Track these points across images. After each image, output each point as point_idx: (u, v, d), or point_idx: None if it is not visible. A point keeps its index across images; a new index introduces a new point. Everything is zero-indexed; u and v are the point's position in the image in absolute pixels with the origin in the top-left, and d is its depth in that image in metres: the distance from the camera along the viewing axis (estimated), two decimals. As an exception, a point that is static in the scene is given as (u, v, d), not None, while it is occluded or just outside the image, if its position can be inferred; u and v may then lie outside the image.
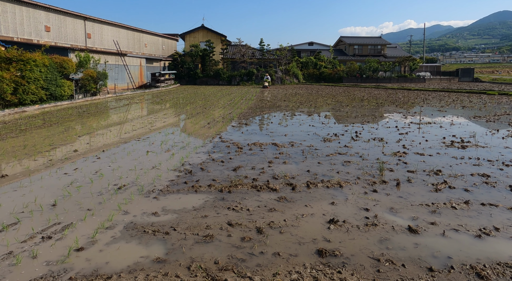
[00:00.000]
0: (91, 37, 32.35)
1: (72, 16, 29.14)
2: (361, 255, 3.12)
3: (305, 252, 3.19)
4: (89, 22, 31.81)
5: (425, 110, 14.76)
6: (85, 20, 31.30)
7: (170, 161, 6.37)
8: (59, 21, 27.42)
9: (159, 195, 4.66)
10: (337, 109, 15.13)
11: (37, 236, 3.47)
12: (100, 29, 33.93)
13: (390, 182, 5.14)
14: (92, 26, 32.37)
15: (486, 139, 8.39)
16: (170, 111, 14.72)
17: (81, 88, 21.34)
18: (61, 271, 2.88)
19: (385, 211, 4.09)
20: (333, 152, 7.05)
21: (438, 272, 2.82)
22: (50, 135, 8.96)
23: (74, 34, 29.57)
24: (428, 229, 3.60)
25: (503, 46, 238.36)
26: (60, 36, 27.53)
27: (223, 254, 3.16)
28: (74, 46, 28.03)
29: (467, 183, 5.08)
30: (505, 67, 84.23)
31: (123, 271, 2.89)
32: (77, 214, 4.03)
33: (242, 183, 5.09)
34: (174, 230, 3.64)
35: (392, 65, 44.74)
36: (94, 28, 32.84)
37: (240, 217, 3.98)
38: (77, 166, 6.03)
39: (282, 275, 2.81)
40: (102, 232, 3.57)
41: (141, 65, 35.48)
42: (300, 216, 3.97)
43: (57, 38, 27.18)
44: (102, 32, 34.01)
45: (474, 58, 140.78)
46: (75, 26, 29.81)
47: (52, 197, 4.53)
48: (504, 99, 20.26)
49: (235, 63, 41.00)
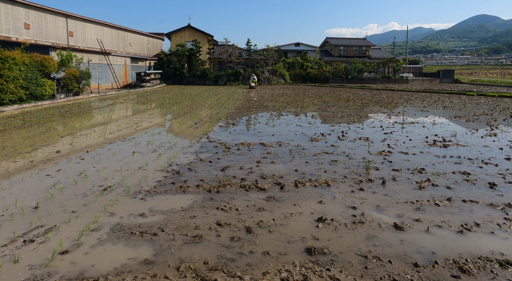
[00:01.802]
0: (74, 36, 31.63)
1: (53, 13, 28.40)
2: (349, 252, 3.16)
3: (294, 251, 3.21)
4: (72, 20, 31.09)
5: (408, 111, 15.08)
6: (67, 18, 30.58)
7: (157, 162, 6.30)
8: (39, 19, 26.68)
9: (146, 196, 4.60)
10: (324, 110, 15.28)
11: (18, 240, 3.37)
12: (83, 27, 33.20)
13: (376, 181, 5.22)
14: (74, 24, 31.65)
15: (466, 138, 8.64)
16: (156, 111, 14.54)
17: (63, 87, 20.82)
18: (44, 275, 2.81)
19: (372, 209, 4.16)
20: (320, 152, 7.12)
21: (423, 267, 2.89)
22: (30, 136, 8.71)
23: (55, 32, 28.83)
24: (413, 226, 3.68)
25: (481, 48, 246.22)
26: (40, 34, 26.79)
27: (213, 254, 3.15)
28: (56, 44, 27.34)
29: (449, 181, 5.22)
30: (483, 69, 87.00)
31: (110, 274, 2.84)
32: (60, 216, 3.93)
33: (231, 183, 5.08)
34: (162, 231, 3.60)
35: (377, 66, 45.50)
36: (77, 26, 32.11)
37: (229, 216, 3.97)
38: (60, 167, 5.88)
39: (272, 274, 2.81)
40: (87, 234, 3.49)
41: (126, 64, 34.91)
42: (289, 215, 4.00)
43: (38, 36, 26.44)
44: (85, 30, 33.30)
45: (454, 60, 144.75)
46: (57, 24, 29.07)
47: (34, 199, 4.40)
48: (483, 100, 20.91)
49: (222, 63, 40.86)
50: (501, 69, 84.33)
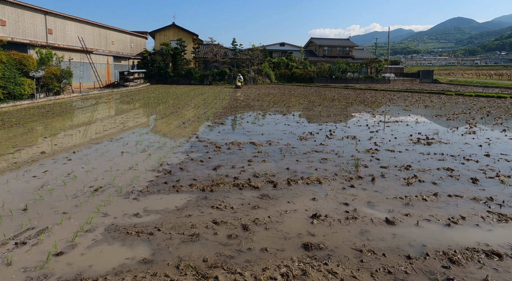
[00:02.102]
0: (53, 33, 30.75)
1: (31, 10, 27.52)
2: (345, 247, 3.25)
3: (291, 247, 3.27)
4: (51, 17, 30.22)
5: (391, 110, 15.45)
6: (46, 15, 29.70)
7: (148, 161, 6.24)
8: (16, 15, 25.80)
9: (139, 196, 4.56)
10: (310, 109, 15.46)
11: (9, 242, 3.29)
12: (63, 25, 32.32)
13: (365, 177, 5.36)
14: (54, 21, 30.77)
15: (448, 136, 8.95)
16: (142, 111, 14.34)
17: (43, 87, 20.20)
18: (40, 277, 2.76)
19: (363, 205, 4.27)
20: (310, 150, 7.22)
21: (415, 259, 3.00)
22: (12, 137, 8.45)
23: (33, 29, 27.95)
24: (403, 220, 3.81)
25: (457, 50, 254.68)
26: (17, 31, 25.92)
27: (211, 252, 3.17)
28: (34, 42, 26.53)
29: (435, 177, 5.41)
30: (460, 69, 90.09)
31: (108, 274, 2.82)
32: (52, 218, 3.86)
33: (224, 182, 5.10)
34: (159, 230, 3.59)
35: (360, 66, 46.32)
36: (56, 24, 31.23)
37: (224, 215, 3.99)
38: (46, 169, 5.74)
39: (271, 270, 2.86)
40: (82, 235, 3.45)
41: (109, 63, 34.21)
42: (283, 212, 4.06)
43: (14, 33, 25.58)
44: (65, 28, 32.42)
45: (432, 61, 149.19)
46: (35, 21, 28.19)
47: (22, 201, 4.29)
48: (461, 99, 21.65)
49: (207, 63, 40.62)
50: (476, 70, 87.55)
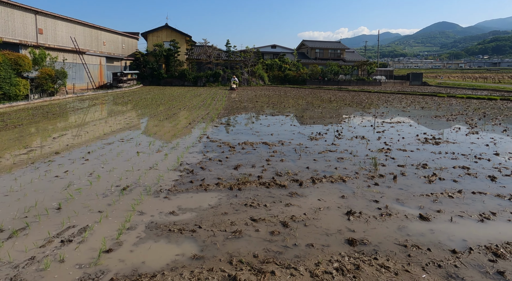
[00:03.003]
0: (43, 33, 30.19)
1: (21, 9, 26.96)
2: (387, 242, 3.33)
3: (335, 242, 3.33)
4: (41, 17, 29.66)
5: (390, 111, 15.72)
6: (36, 14, 29.14)
7: (166, 161, 6.22)
8: (5, 14, 25.24)
9: (168, 194, 4.56)
10: (311, 110, 15.60)
11: (55, 240, 3.26)
12: (54, 25, 31.75)
13: (387, 176, 5.47)
14: (44, 21, 30.20)
15: (453, 136, 9.18)
16: (143, 112, 14.22)
17: (37, 87, 19.83)
18: (98, 273, 2.76)
19: (393, 202, 4.37)
20: (323, 150, 7.31)
21: (460, 253, 3.11)
22: (19, 138, 8.29)
23: (23, 29, 27.38)
24: (436, 217, 3.92)
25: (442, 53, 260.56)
26: (6, 31, 25.36)
27: (258, 248, 3.21)
28: (24, 42, 25.99)
29: (453, 175, 5.56)
30: (445, 72, 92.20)
31: (164, 269, 2.83)
32: (89, 216, 3.83)
33: (249, 181, 5.14)
34: (200, 228, 3.61)
35: (352, 68, 46.91)
36: (47, 24, 30.66)
37: (259, 212, 4.04)
38: (66, 168, 5.67)
39: (324, 264, 2.92)
40: (125, 233, 3.44)
41: (101, 64, 33.79)
42: (317, 209, 4.12)
43: (4, 32, 25.02)
44: (55, 28, 31.85)
45: (419, 64, 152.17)
46: (25, 20, 27.62)
47: (53, 200, 4.24)
48: (454, 101, 22.18)
49: (201, 64, 40.50)
50: (461, 73, 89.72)
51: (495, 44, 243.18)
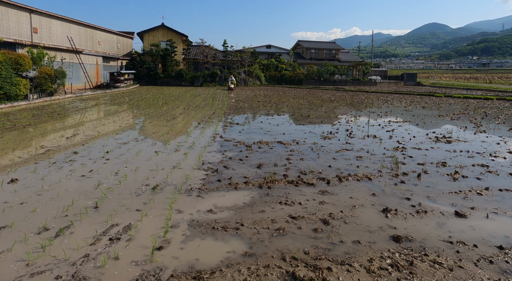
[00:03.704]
0: (38, 32, 29.76)
1: (16, 8, 26.55)
2: (432, 239, 3.39)
3: (380, 239, 3.37)
4: (36, 15, 29.24)
5: (393, 110, 15.89)
6: (31, 13, 28.72)
7: (188, 161, 6.21)
8: (0, 13, 24.84)
9: (200, 193, 4.57)
10: (314, 110, 15.69)
11: (103, 238, 3.25)
12: (49, 24, 31.32)
13: (410, 174, 5.55)
14: (39, 20, 29.78)
15: (463, 135, 9.34)
16: (148, 112, 14.13)
17: (36, 87, 19.55)
18: (156, 270, 2.76)
19: (425, 199, 4.44)
20: (339, 149, 7.38)
21: (508, 249, 3.17)
22: (31, 137, 8.19)
23: (17, 27, 26.96)
24: (472, 213, 4.00)
25: (433, 54, 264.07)
26: (1, 30, 24.95)
27: (306, 245, 3.24)
28: (18, 41, 25.61)
29: (474, 173, 5.67)
30: (437, 73, 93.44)
31: (220, 266, 2.85)
32: (128, 215, 3.82)
33: (276, 179, 5.16)
34: (242, 226, 3.62)
35: (347, 69, 47.26)
36: (42, 22, 30.24)
37: (296, 210, 4.07)
38: (89, 168, 5.62)
39: (377, 261, 2.96)
40: (170, 231, 3.44)
41: (98, 64, 33.46)
42: (352, 207, 4.17)
43: None
44: (50, 27, 31.42)
45: (410, 65, 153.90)
46: (19, 19, 27.20)
47: (88, 200, 4.22)
48: (452, 101, 22.52)
49: (198, 64, 40.37)
50: (452, 73, 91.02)
51: (483, 45, 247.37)
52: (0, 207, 3.91)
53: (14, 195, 4.32)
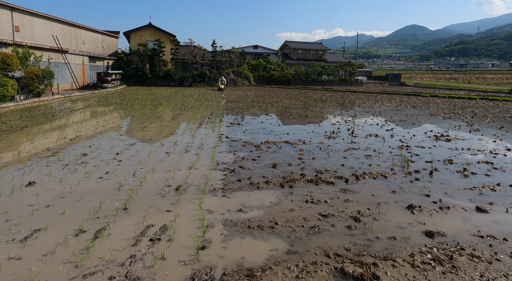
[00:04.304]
0: (20, 31, 28.82)
1: (-4, 5, 25.66)
2: (462, 233, 3.52)
3: (414, 235, 3.48)
4: (18, 13, 28.31)
5: (386, 110, 16.24)
6: (13, 11, 27.79)
7: (201, 161, 6.20)
8: (-21, 10, 23.97)
9: (225, 193, 4.58)
10: (310, 110, 15.86)
11: (143, 239, 3.23)
12: (31, 22, 30.39)
13: (422, 172, 5.72)
14: (21, 18, 28.84)
15: (459, 133, 9.66)
16: (144, 112, 13.93)
17: (23, 88, 18.95)
18: (206, 269, 2.77)
19: (444, 196, 4.60)
20: (347, 148, 7.51)
21: (535, 240, 3.34)
22: (32, 139, 7.98)
23: (-2, 26, 26.06)
24: (492, 209, 4.17)
25: (413, 55, 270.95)
26: (-19, 28, 24.08)
27: (344, 242, 3.31)
28: (0, 40, 24.75)
29: (481, 169, 5.90)
30: (418, 73, 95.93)
31: (268, 264, 2.88)
32: (160, 215, 3.80)
33: (295, 178, 5.23)
34: (277, 224, 3.67)
35: (335, 69, 47.91)
36: (24, 21, 29.30)
37: (324, 208, 4.14)
38: (104, 170, 5.53)
39: (418, 255, 3.06)
40: (208, 231, 3.45)
41: (84, 63, 32.71)
42: (377, 204, 4.27)
43: (-22, 30, 23.77)
44: (33, 25, 30.49)
45: (392, 65, 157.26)
46: (1, 17, 26.30)
47: (114, 201, 4.16)
48: (438, 101, 23.21)
49: (186, 64, 40.04)
50: (432, 74, 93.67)
51: (460, 47, 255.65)
52: (28, 210, 3.81)
53: (37, 198, 4.21)
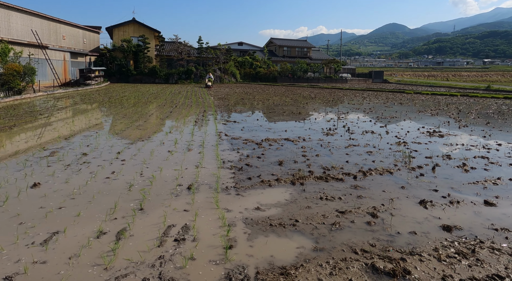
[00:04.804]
0: (-4, 25, 27.63)
1: (-31, -2, 24.49)
2: (477, 227, 3.64)
3: (431, 229, 3.57)
4: (-8, 7, 27.10)
5: (375, 107, 16.52)
6: (-15, 4, 26.59)
7: (207, 159, 6.14)
8: (-49, 3, 22.78)
9: (238, 191, 4.55)
10: (301, 107, 15.95)
11: (167, 239, 3.18)
12: (7, 16, 29.10)
13: (424, 167, 5.86)
14: (-4, 11, 27.62)
15: (449, 129, 9.96)
16: (135, 110, 13.64)
17: (2, 85, 18.17)
18: (239, 268, 2.76)
19: (451, 191, 4.73)
20: (347, 144, 7.61)
21: (546, 231, 3.49)
22: (25, 138, 7.67)
23: (-29, 20, 24.89)
24: (499, 202, 4.33)
25: (393, 53, 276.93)
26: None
27: (367, 238, 3.36)
28: (-25, 34, 23.67)
29: (479, 164, 6.10)
30: (398, 71, 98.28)
31: (299, 261, 2.90)
32: (179, 215, 3.74)
33: (305, 176, 5.26)
34: (297, 222, 3.68)
35: (320, 66, 48.33)
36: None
37: (340, 205, 4.18)
38: (109, 170, 5.39)
39: (442, 250, 3.14)
40: (231, 230, 3.42)
41: (65, 60, 31.68)
42: (390, 200, 4.36)
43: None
44: (9, 19, 29.21)
45: (373, 63, 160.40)
46: (-27, 11, 25.11)
47: (128, 201, 4.07)
48: (422, 97, 23.79)
49: (172, 61, 39.44)
50: (412, 71, 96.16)
51: (438, 45, 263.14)
52: (40, 213, 3.67)
53: (45, 199, 4.06)
